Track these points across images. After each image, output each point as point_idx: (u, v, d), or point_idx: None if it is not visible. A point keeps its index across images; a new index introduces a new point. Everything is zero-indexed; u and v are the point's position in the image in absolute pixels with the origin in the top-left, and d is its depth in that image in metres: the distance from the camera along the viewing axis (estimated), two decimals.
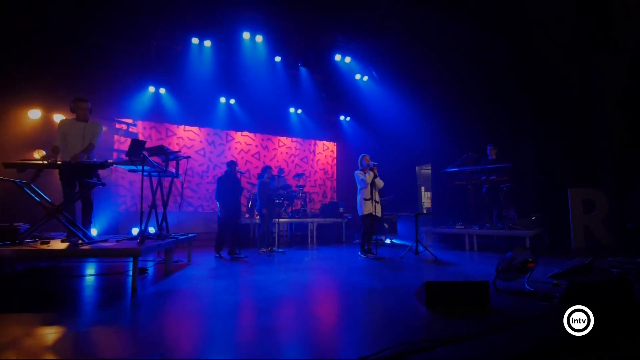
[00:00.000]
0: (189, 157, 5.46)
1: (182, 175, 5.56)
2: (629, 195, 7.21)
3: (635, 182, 7.14)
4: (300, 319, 2.85)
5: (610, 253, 6.13)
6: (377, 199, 6.12)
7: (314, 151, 12.16)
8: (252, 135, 11.09)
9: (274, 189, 6.84)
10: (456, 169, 7.44)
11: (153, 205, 4.96)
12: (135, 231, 7.29)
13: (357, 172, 6.15)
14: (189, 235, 5.53)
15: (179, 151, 5.18)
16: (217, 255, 6.05)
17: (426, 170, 13.03)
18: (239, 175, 6.25)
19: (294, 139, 11.76)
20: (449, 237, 8.00)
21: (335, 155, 12.57)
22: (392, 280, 4.11)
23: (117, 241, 4.22)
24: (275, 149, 11.50)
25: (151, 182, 5.08)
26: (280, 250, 6.72)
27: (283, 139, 11.59)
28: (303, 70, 8.82)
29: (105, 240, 4.33)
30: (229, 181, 6.18)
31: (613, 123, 7.32)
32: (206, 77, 8.44)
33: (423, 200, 13.87)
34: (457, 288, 3.06)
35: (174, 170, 5.40)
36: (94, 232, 6.99)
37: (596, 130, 7.52)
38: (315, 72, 8.87)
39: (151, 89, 8.88)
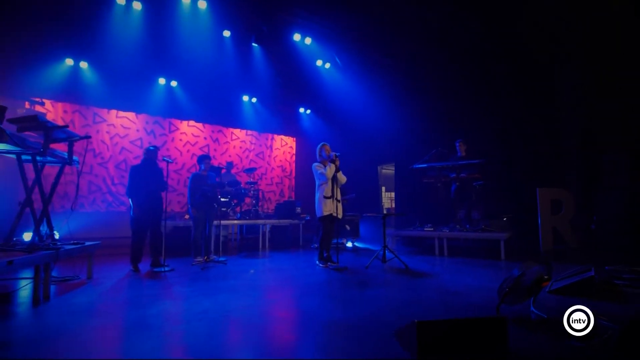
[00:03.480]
0: (88, 136, 3.91)
1: (80, 164, 4.01)
2: (592, 196, 6.74)
3: (600, 183, 6.69)
4: None
5: (579, 257, 5.53)
6: (339, 197, 4.95)
7: (271, 146, 10.80)
8: (200, 125, 9.51)
9: (217, 185, 5.43)
10: (425, 165, 6.48)
11: (28, 203, 3.40)
12: (27, 236, 5.54)
13: (315, 164, 4.93)
14: (87, 243, 3.99)
15: (66, 126, 3.63)
16: (133, 268, 4.55)
17: (387, 170, 12.20)
18: (163, 164, 4.77)
19: (249, 131, 10.32)
20: (415, 240, 7.05)
21: (294, 151, 11.29)
22: (360, 305, 2.93)
23: None
24: (228, 142, 10.00)
25: (22, 169, 3.50)
26: (221, 259, 5.32)
27: (236, 131, 10.11)
28: (257, 49, 7.42)
29: None
30: (148, 171, 4.69)
31: (580, 124, 6.83)
32: (139, 51, 6.79)
33: (383, 201, 13.06)
34: (461, 329, 1.93)
35: (69, 155, 3.85)
36: None
37: (563, 130, 6.99)
38: (272, 52, 7.50)
39: (69, 61, 7.06)
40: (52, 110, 7.68)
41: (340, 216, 4.93)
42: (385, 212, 11.66)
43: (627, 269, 3.36)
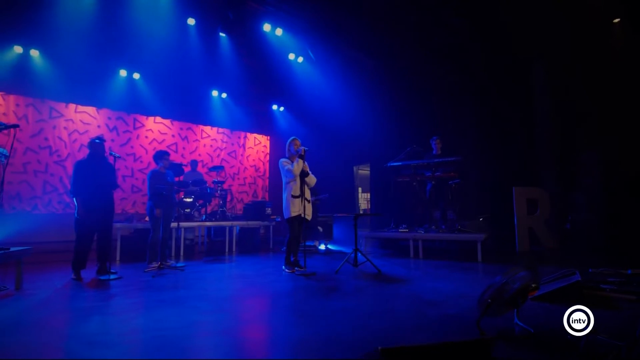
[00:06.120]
0: (16, 125, 3.28)
1: (8, 156, 3.38)
2: (567, 195, 6.59)
3: (575, 182, 6.54)
4: None
5: (556, 258, 5.31)
6: (308, 196, 4.50)
7: (243, 145, 10.23)
8: (167, 122, 8.84)
9: (177, 184, 4.88)
10: (399, 163, 6.13)
11: None
12: None
13: (282, 160, 4.46)
14: (13, 249, 3.36)
15: None
16: (74, 276, 3.93)
17: (363, 170, 11.87)
18: (111, 159, 4.17)
19: (221, 129, 9.72)
20: (391, 242, 6.68)
21: (268, 150, 10.76)
22: (321, 320, 2.48)
23: None
24: (198, 140, 9.37)
25: None
26: (179, 264, 4.76)
27: (207, 128, 9.50)
28: (225, 40, 6.87)
29: None
30: (95, 167, 4.09)
31: (556, 123, 6.67)
32: (96, 39, 6.12)
33: (360, 202, 12.72)
34: (436, 355, 1.51)
35: None
36: None
37: (540, 128, 6.82)
38: (241, 44, 6.96)
39: (17, 49, 6.31)
40: (2, 104, 6.90)
41: (309, 217, 4.47)
42: (361, 212, 11.30)
43: (612, 272, 3.06)
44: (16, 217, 6.87)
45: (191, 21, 6.32)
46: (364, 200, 13.54)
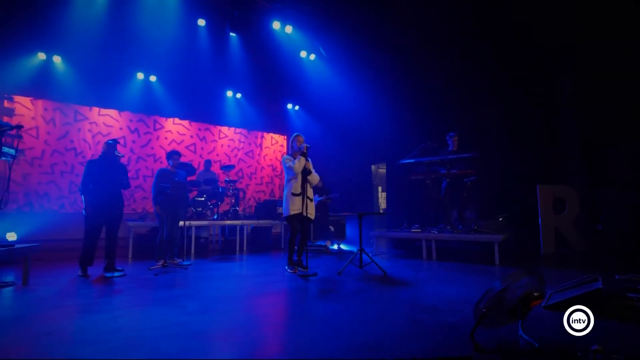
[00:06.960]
0: (20, 126, 3.37)
1: (15, 156, 3.47)
2: (598, 192, 6.01)
3: (606, 179, 5.95)
4: None
5: (585, 262, 4.83)
6: (311, 195, 4.35)
7: (260, 145, 10.25)
8: (185, 123, 9.01)
9: (186, 183, 4.90)
10: (413, 160, 5.84)
11: None
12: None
13: (284, 157, 4.34)
14: (18, 246, 3.45)
15: None
16: (81, 272, 4.01)
17: (383, 169, 11.57)
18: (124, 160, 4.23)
19: (238, 129, 9.79)
20: (405, 243, 6.40)
21: (285, 150, 10.72)
22: (307, 325, 2.32)
23: None
24: (215, 140, 9.48)
25: None
26: (185, 263, 4.76)
27: (224, 129, 9.59)
28: (235, 39, 6.85)
29: None
30: (106, 167, 4.16)
31: (583, 113, 6.10)
32: (112, 44, 6.31)
33: (380, 201, 12.42)
34: None
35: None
36: None
37: (565, 120, 6.27)
38: (251, 42, 6.91)
39: (41, 55, 6.61)
40: (32, 108, 7.28)
41: (312, 216, 4.32)
42: (381, 211, 11.00)
43: None
44: (44, 215, 7.22)
45: (201, 22, 6.34)
46: (383, 199, 13.20)
